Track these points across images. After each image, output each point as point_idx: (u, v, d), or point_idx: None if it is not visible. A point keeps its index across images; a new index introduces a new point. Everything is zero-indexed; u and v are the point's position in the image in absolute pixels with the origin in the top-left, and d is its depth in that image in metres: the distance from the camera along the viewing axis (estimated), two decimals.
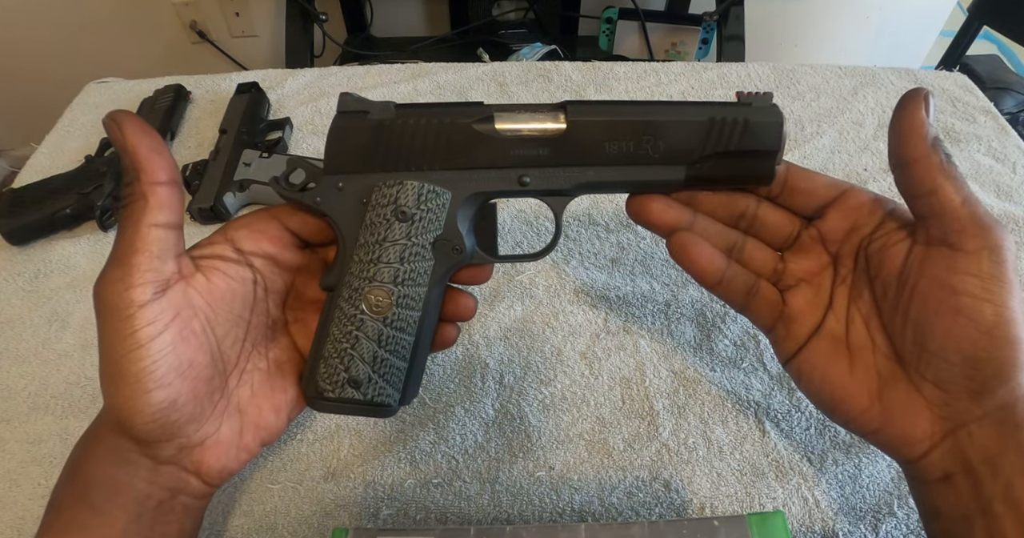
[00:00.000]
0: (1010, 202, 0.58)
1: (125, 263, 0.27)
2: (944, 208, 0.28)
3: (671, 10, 1.46)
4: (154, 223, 0.28)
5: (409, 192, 0.30)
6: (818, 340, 0.33)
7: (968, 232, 0.27)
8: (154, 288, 0.27)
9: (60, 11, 1.48)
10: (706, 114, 0.30)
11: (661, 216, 0.33)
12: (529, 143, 0.30)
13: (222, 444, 0.30)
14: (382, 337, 0.30)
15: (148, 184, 0.28)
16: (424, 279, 0.31)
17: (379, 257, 0.30)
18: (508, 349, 0.48)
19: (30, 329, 0.51)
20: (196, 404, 0.28)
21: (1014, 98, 1.37)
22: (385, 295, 0.30)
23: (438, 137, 0.30)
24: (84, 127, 0.70)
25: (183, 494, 0.30)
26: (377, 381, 0.30)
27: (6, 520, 0.40)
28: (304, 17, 1.33)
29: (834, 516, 0.39)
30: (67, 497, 0.29)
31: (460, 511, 0.40)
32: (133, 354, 0.26)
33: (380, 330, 0.30)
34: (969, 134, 0.65)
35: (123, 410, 0.27)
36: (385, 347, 0.31)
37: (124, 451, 0.28)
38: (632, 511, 0.40)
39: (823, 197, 0.33)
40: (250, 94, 0.68)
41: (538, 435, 0.44)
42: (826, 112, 0.68)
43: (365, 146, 0.30)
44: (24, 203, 0.58)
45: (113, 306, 0.26)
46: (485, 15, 1.45)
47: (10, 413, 0.46)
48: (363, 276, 0.30)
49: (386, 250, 0.30)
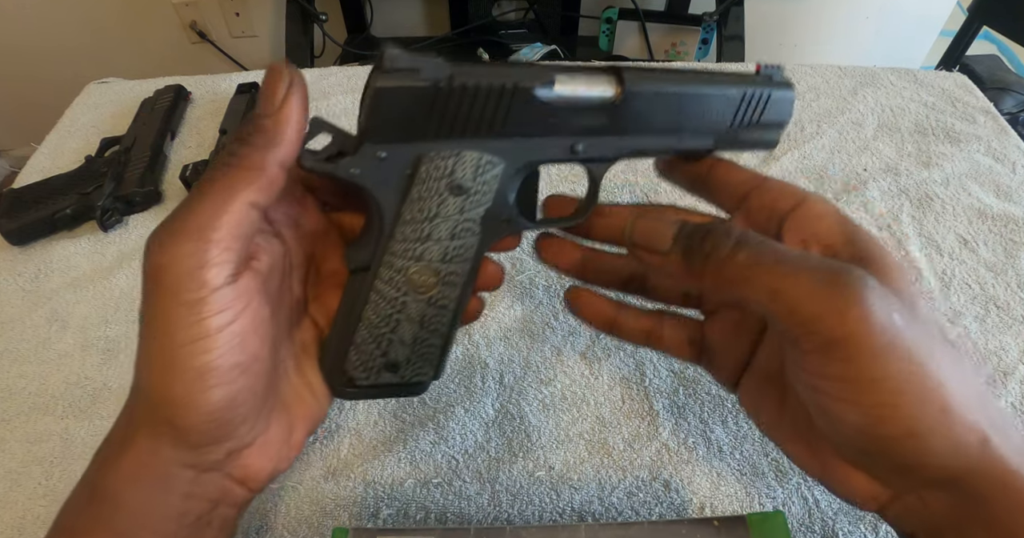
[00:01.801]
0: (1010, 202, 0.58)
1: (202, 237, 0.22)
2: (757, 305, 0.23)
3: (671, 10, 1.46)
4: (252, 201, 0.23)
5: (467, 164, 0.28)
6: (748, 377, 0.29)
7: (791, 332, 0.22)
8: (231, 270, 0.23)
9: (60, 11, 1.48)
10: (741, 89, 0.30)
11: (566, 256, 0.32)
12: (586, 111, 0.28)
13: (272, 443, 0.27)
14: (424, 317, 0.29)
15: (271, 158, 0.23)
16: (470, 253, 0.29)
17: (429, 234, 0.28)
18: (508, 349, 0.48)
19: (30, 329, 0.51)
20: (254, 403, 0.25)
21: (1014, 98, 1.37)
22: (432, 274, 0.28)
23: (499, 102, 0.27)
24: (84, 127, 0.70)
25: (223, 505, 0.26)
26: (415, 362, 0.29)
27: (7, 520, 0.40)
28: (304, 17, 1.33)
29: (834, 516, 0.39)
30: (85, 520, 0.25)
31: (460, 511, 0.40)
32: (197, 344, 0.22)
33: (423, 311, 0.28)
34: (969, 134, 0.65)
35: (176, 406, 0.23)
36: (426, 327, 0.29)
37: (161, 463, 0.24)
38: (632, 511, 0.40)
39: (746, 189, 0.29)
40: (250, 94, 0.68)
41: (538, 435, 0.44)
42: (826, 112, 0.68)
43: (415, 111, 0.26)
44: (24, 203, 0.58)
45: (180, 285, 0.22)
46: (485, 15, 1.45)
47: (10, 413, 0.46)
48: (408, 255, 0.28)
49: (437, 227, 0.28)
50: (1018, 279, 0.52)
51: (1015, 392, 0.45)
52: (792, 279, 0.22)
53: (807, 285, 0.21)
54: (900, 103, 0.69)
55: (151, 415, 0.24)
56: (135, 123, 0.67)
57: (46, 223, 0.57)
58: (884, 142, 0.65)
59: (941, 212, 0.57)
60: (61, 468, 0.43)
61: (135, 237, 0.58)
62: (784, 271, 0.22)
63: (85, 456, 0.43)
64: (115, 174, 0.60)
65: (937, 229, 0.56)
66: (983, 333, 0.48)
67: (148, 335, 0.23)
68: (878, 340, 0.21)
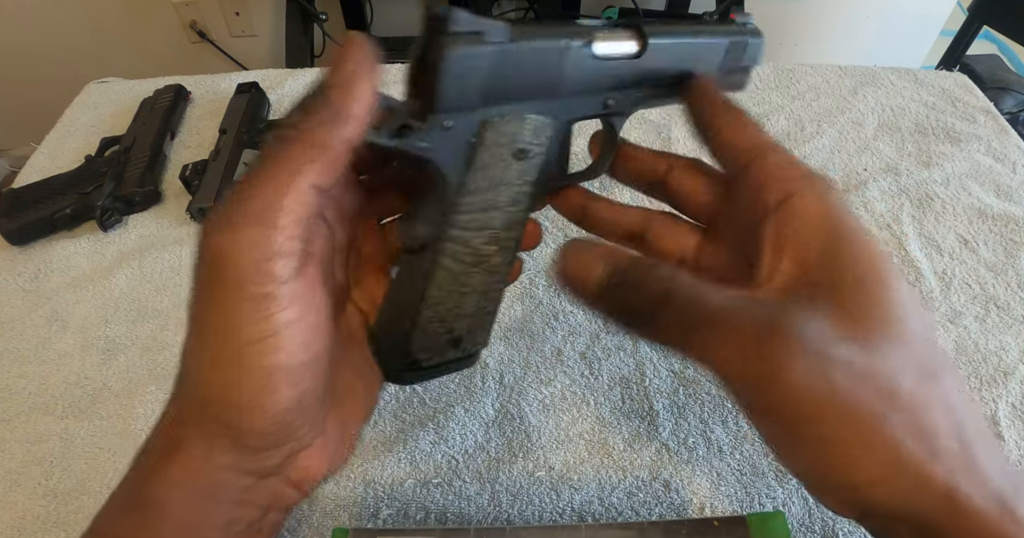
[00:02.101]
0: (1010, 202, 0.58)
1: (266, 222, 0.20)
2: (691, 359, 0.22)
3: (671, 10, 1.46)
4: (315, 183, 0.21)
5: (528, 126, 0.27)
6: None
7: (731, 393, 0.21)
8: (297, 262, 0.21)
9: (60, 11, 1.48)
10: (728, 37, 0.31)
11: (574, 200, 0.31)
12: (617, 67, 0.29)
13: (330, 443, 0.25)
14: (487, 288, 0.28)
15: (338, 136, 0.21)
16: (524, 218, 0.28)
17: (495, 202, 0.27)
18: (508, 349, 0.48)
19: (30, 329, 0.51)
20: (317, 403, 0.23)
21: (1014, 98, 1.37)
22: (494, 242, 0.27)
23: (557, 64, 0.27)
24: (84, 127, 0.70)
25: (274, 510, 0.24)
26: (475, 333, 0.29)
27: (7, 520, 0.40)
28: (304, 17, 1.34)
29: (834, 516, 0.39)
30: (125, 528, 0.23)
31: (460, 511, 0.40)
32: (266, 343, 0.20)
33: (485, 281, 0.28)
34: (969, 134, 0.65)
35: (241, 409, 0.21)
36: (487, 297, 0.28)
37: (214, 470, 0.22)
38: (632, 511, 0.40)
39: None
40: (250, 94, 0.68)
41: (538, 435, 0.44)
42: (826, 112, 0.68)
43: (483, 76, 0.25)
44: (24, 203, 0.58)
45: (246, 278, 0.20)
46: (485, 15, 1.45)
47: (10, 413, 0.46)
48: (474, 226, 0.27)
49: (500, 194, 0.27)
50: (1018, 279, 0.52)
51: (1015, 392, 0.45)
52: (720, 347, 0.21)
53: (735, 351, 0.20)
54: (900, 103, 0.69)
55: (204, 416, 0.22)
56: (135, 123, 0.67)
57: (46, 223, 0.57)
58: (884, 142, 0.65)
59: (941, 212, 0.57)
60: (61, 468, 0.43)
61: (135, 237, 0.58)
62: (710, 335, 0.21)
63: (85, 456, 0.43)
64: (115, 174, 0.60)
65: (937, 229, 0.56)
66: (983, 333, 0.48)
67: (206, 330, 0.21)
68: (809, 407, 0.20)
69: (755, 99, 0.70)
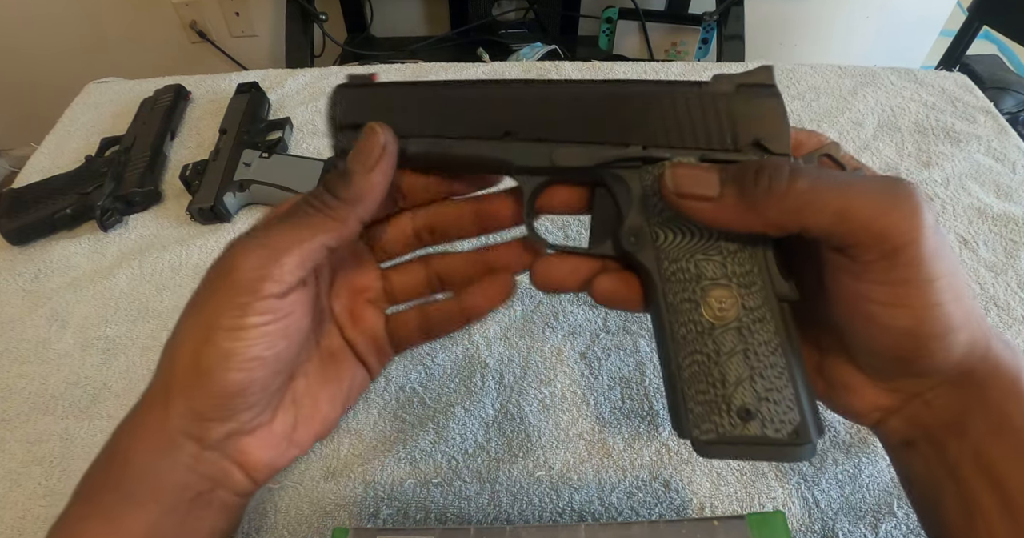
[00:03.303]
0: (1010, 202, 0.58)
1: (276, 258, 0.26)
2: (821, 229, 0.24)
3: (671, 10, 1.46)
4: (327, 245, 0.27)
5: None
6: None
7: (861, 245, 0.24)
8: (285, 288, 0.26)
9: (60, 11, 1.48)
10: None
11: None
12: None
13: (273, 436, 0.29)
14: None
15: (355, 214, 0.27)
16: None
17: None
18: (508, 349, 0.48)
19: (30, 329, 0.51)
20: (263, 394, 0.27)
21: (1014, 98, 1.37)
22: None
23: None
24: (84, 127, 0.70)
25: (222, 488, 0.28)
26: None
27: (7, 520, 0.40)
28: (304, 17, 1.33)
29: (834, 516, 0.39)
30: (98, 482, 0.27)
31: (460, 511, 0.40)
32: (233, 333, 0.25)
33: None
34: (969, 134, 0.65)
35: (198, 375, 0.26)
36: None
37: (169, 429, 0.26)
38: (632, 511, 0.40)
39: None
40: (250, 94, 0.68)
41: (538, 435, 0.44)
42: (826, 112, 0.68)
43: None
44: (24, 203, 0.58)
45: (241, 285, 0.25)
46: (485, 15, 1.45)
47: (10, 413, 0.46)
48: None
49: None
50: (1018, 279, 0.52)
51: None
52: (858, 197, 0.23)
53: (872, 200, 0.23)
54: (900, 103, 0.69)
55: (172, 381, 0.27)
56: (135, 123, 0.67)
57: (46, 223, 0.57)
58: (884, 142, 0.65)
59: (941, 212, 0.57)
60: (61, 468, 0.43)
61: (135, 237, 0.58)
62: (847, 191, 0.24)
63: (85, 456, 0.43)
64: (115, 174, 0.60)
65: None
66: None
67: (197, 312, 0.26)
68: (932, 243, 0.23)
69: None
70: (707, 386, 0.26)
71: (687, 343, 0.27)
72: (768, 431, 0.26)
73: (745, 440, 0.26)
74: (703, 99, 0.28)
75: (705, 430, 0.26)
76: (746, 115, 0.28)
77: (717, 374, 0.26)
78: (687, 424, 0.26)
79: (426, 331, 0.33)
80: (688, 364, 0.27)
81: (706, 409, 0.26)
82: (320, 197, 0.27)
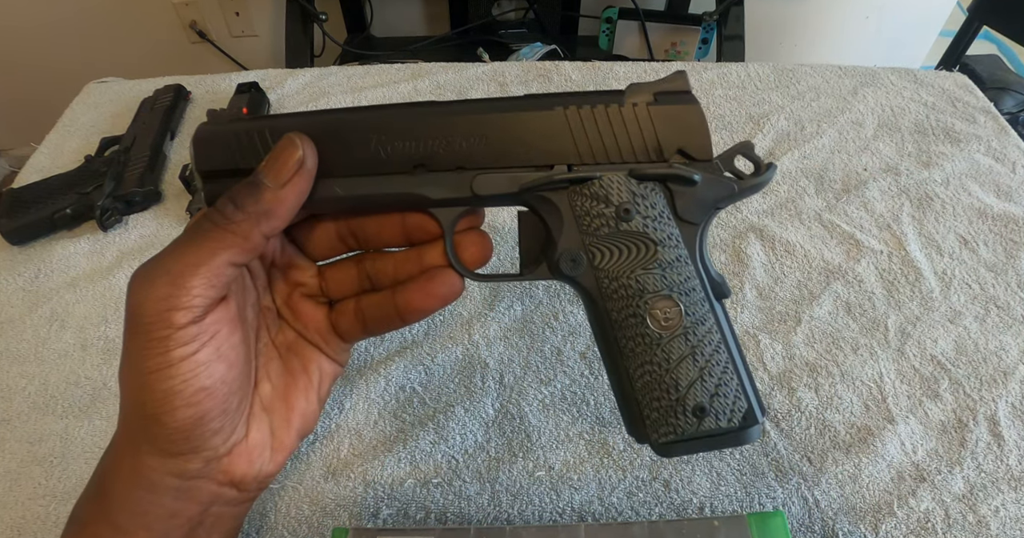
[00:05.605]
0: (1010, 202, 0.58)
1: (179, 284, 0.25)
2: None
3: (671, 10, 1.46)
4: (231, 261, 0.26)
5: None
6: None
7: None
8: (199, 313, 0.25)
9: (60, 11, 1.48)
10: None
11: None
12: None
13: (253, 449, 0.29)
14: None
15: (259, 230, 0.26)
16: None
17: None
18: (508, 349, 0.48)
19: (30, 329, 0.51)
20: (224, 418, 0.27)
21: (1014, 98, 1.37)
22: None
23: None
24: (84, 127, 0.70)
25: (216, 505, 0.28)
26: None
27: (6, 520, 0.40)
28: (304, 17, 1.33)
29: (834, 516, 0.39)
30: (91, 513, 0.27)
31: (460, 511, 0.40)
32: (162, 373, 0.25)
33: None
34: (969, 134, 0.65)
35: (148, 421, 0.26)
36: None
37: (148, 471, 0.26)
38: (632, 511, 0.40)
39: None
40: (250, 94, 0.68)
41: (538, 435, 0.44)
42: (826, 112, 0.68)
43: None
44: (24, 203, 0.58)
45: (150, 323, 0.25)
46: (485, 15, 1.45)
47: (10, 413, 0.46)
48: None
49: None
50: (1018, 279, 0.52)
51: (1015, 392, 0.45)
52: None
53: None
54: (900, 103, 0.69)
55: (130, 428, 0.27)
56: (135, 123, 0.67)
57: (46, 223, 0.57)
58: (884, 142, 0.65)
59: (941, 212, 0.57)
60: (61, 468, 0.43)
61: (135, 237, 0.58)
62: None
63: (85, 456, 0.43)
64: (115, 174, 0.60)
65: (937, 229, 0.56)
66: (983, 333, 0.48)
67: (127, 357, 0.26)
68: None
69: (755, 99, 0.70)
70: (661, 393, 0.27)
71: (636, 355, 0.27)
72: (722, 423, 0.27)
73: (702, 435, 0.27)
74: (623, 112, 0.27)
75: (664, 433, 0.27)
76: (667, 125, 0.27)
77: (670, 381, 0.27)
78: (644, 429, 0.27)
79: (364, 325, 0.32)
80: (640, 374, 0.27)
81: (662, 414, 0.27)
82: (222, 211, 0.26)
